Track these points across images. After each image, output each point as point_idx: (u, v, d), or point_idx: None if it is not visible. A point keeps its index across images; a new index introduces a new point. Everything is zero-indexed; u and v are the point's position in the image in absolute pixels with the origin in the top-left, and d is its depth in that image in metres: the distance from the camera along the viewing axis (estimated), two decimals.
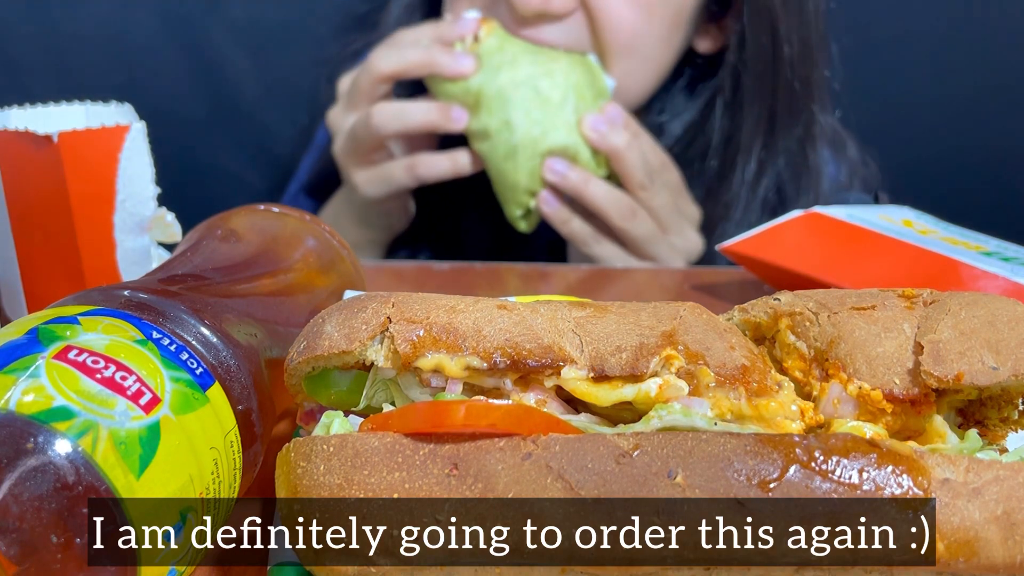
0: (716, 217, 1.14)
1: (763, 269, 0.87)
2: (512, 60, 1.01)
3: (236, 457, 0.42)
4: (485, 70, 1.02)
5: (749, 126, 1.11)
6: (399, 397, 0.41)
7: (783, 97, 1.11)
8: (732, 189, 1.13)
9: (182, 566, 0.38)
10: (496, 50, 1.02)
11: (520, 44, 1.03)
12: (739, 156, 1.12)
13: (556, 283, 0.96)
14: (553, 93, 1.01)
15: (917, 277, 0.75)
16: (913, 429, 0.40)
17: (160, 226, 0.67)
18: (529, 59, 1.02)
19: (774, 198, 1.14)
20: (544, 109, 1.01)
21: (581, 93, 1.02)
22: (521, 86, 1.01)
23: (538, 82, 1.01)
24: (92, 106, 0.71)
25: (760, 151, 1.12)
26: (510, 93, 1.01)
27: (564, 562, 0.37)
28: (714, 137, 1.13)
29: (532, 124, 1.01)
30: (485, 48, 1.02)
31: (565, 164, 1.01)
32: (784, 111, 1.12)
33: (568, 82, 1.02)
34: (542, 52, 1.03)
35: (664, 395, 0.39)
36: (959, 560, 0.35)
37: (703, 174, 1.14)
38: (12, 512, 0.32)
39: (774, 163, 1.13)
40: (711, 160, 1.14)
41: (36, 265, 0.64)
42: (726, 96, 1.12)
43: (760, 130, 1.12)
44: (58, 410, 0.34)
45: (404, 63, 1.02)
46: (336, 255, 0.60)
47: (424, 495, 0.36)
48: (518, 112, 1.01)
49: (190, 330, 0.43)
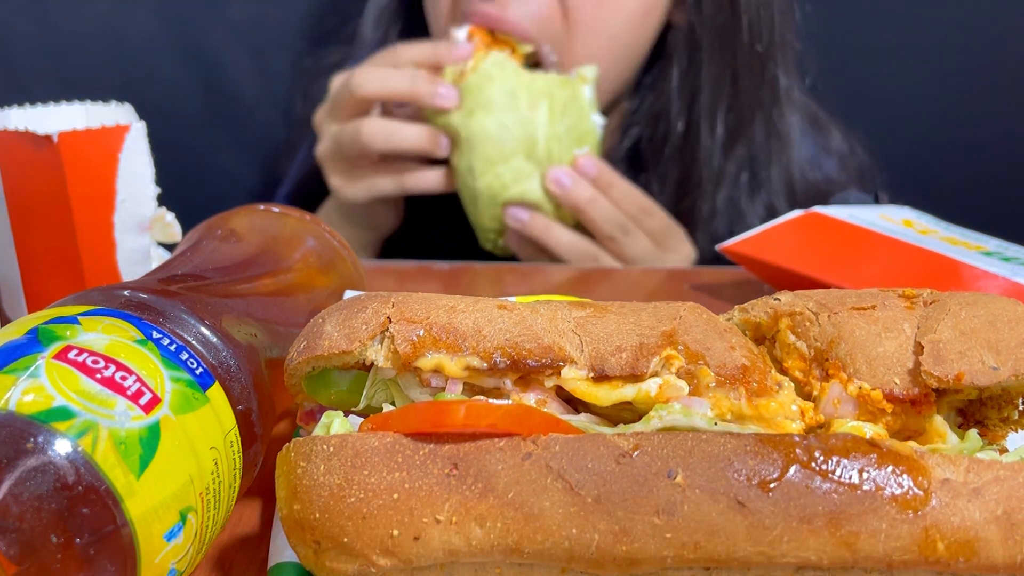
0: (691, 188, 1.12)
1: (763, 269, 0.87)
2: (487, 104, 1.00)
3: (236, 457, 0.42)
4: (462, 110, 1.02)
5: (708, 88, 1.10)
6: (399, 397, 0.41)
7: (743, 59, 1.10)
8: (701, 156, 1.11)
9: (182, 566, 0.38)
10: (478, 87, 1.01)
11: (512, 75, 1.01)
12: (703, 120, 1.11)
13: (556, 283, 0.96)
14: (522, 144, 1.02)
15: (917, 277, 0.75)
16: (913, 429, 0.40)
17: (160, 226, 0.67)
18: (508, 101, 1.01)
19: (747, 174, 1.13)
20: (509, 162, 1.02)
21: (559, 140, 1.02)
22: (488, 137, 1.01)
23: (509, 131, 1.01)
24: (92, 106, 0.70)
25: (727, 115, 1.11)
26: (477, 142, 1.01)
27: (564, 562, 0.37)
28: (673, 100, 1.12)
29: (494, 177, 1.02)
30: (472, 81, 1.01)
31: (526, 212, 1.03)
32: (745, 72, 1.10)
33: (546, 131, 1.02)
34: (531, 87, 1.01)
35: (664, 395, 0.39)
36: (959, 560, 0.35)
37: (668, 140, 1.13)
38: (12, 512, 0.32)
39: (746, 134, 1.12)
40: (675, 123, 1.12)
41: (36, 265, 0.64)
42: (681, 59, 1.11)
43: (723, 92, 1.10)
44: (58, 410, 0.34)
45: (386, 89, 1.02)
46: (336, 255, 0.60)
47: (424, 495, 0.36)
48: (481, 162, 1.02)
49: (190, 330, 0.43)
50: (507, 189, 1.03)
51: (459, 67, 1.02)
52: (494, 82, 1.01)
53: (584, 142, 1.04)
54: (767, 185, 1.13)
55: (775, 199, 1.14)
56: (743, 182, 1.13)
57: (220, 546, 0.47)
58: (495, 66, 1.01)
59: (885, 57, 1.44)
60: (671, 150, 1.12)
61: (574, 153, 1.03)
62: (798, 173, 1.14)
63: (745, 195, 1.13)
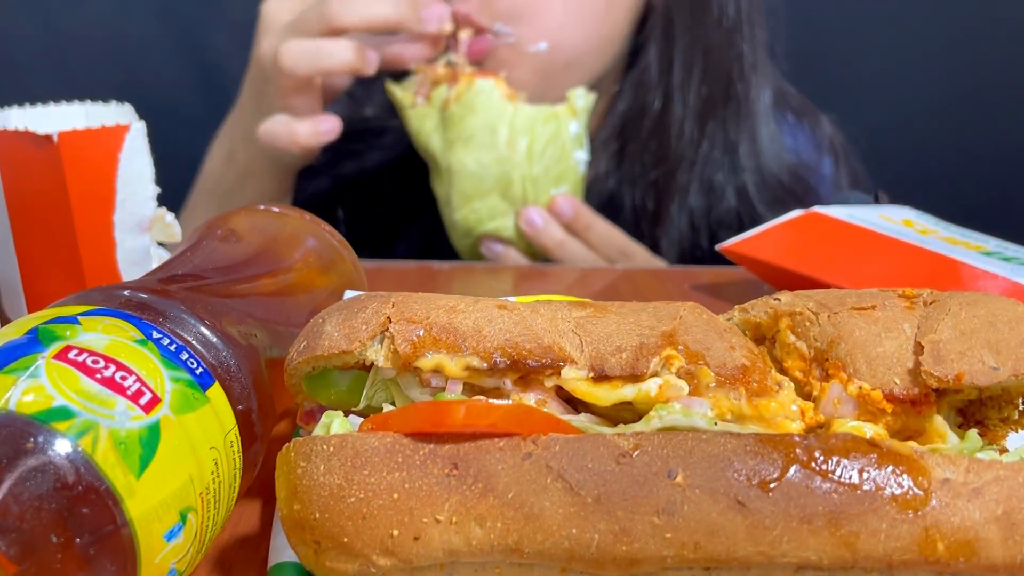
0: (666, 163, 1.13)
1: (763, 269, 0.87)
2: (468, 138, 1.01)
3: (236, 457, 0.42)
4: (444, 139, 1.02)
5: (681, 62, 1.11)
6: (399, 397, 0.41)
7: (713, 35, 1.11)
8: (674, 130, 1.12)
9: (182, 566, 0.38)
10: (460, 117, 1.01)
11: (495, 107, 1.01)
12: (675, 93, 1.12)
13: (556, 283, 0.96)
14: (498, 183, 1.02)
15: (917, 277, 0.75)
16: (913, 429, 0.40)
17: (160, 226, 0.67)
18: (488, 137, 1.01)
19: (719, 151, 1.14)
20: (484, 199, 1.03)
21: (534, 181, 1.02)
22: (466, 172, 1.02)
23: (486, 169, 1.02)
24: (92, 106, 0.70)
25: (699, 88, 1.12)
26: (455, 176, 1.03)
27: (564, 562, 0.37)
28: (651, 73, 1.13)
29: (470, 211, 1.04)
30: (455, 111, 1.01)
31: (500, 246, 1.05)
32: (715, 49, 1.12)
33: (523, 171, 1.02)
34: (512, 123, 1.01)
35: (664, 395, 0.39)
36: (959, 560, 0.35)
37: (646, 113, 1.13)
38: (12, 512, 0.32)
39: (717, 109, 1.13)
40: (652, 97, 1.13)
41: (36, 265, 0.64)
42: (658, 36, 1.12)
43: (694, 67, 1.12)
44: (58, 410, 0.34)
45: (369, 17, 0.95)
46: (336, 255, 0.60)
47: (424, 495, 0.36)
48: (458, 196, 1.03)
49: (190, 330, 0.43)
50: (482, 224, 1.05)
51: (444, 94, 1.03)
52: (476, 114, 1.01)
53: (563, 181, 1.05)
54: (737, 162, 1.14)
55: (745, 176, 1.15)
56: (715, 158, 1.14)
57: (220, 546, 0.47)
58: (478, 96, 1.01)
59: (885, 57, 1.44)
60: (649, 122, 1.13)
61: (551, 193, 1.04)
62: (768, 152, 1.15)
63: (719, 171, 1.14)
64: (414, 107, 1.06)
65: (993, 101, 1.45)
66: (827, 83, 1.43)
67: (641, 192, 1.14)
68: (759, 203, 1.13)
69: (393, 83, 1.09)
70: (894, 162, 1.43)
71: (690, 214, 1.14)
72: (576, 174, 1.05)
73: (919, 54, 1.43)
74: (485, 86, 1.01)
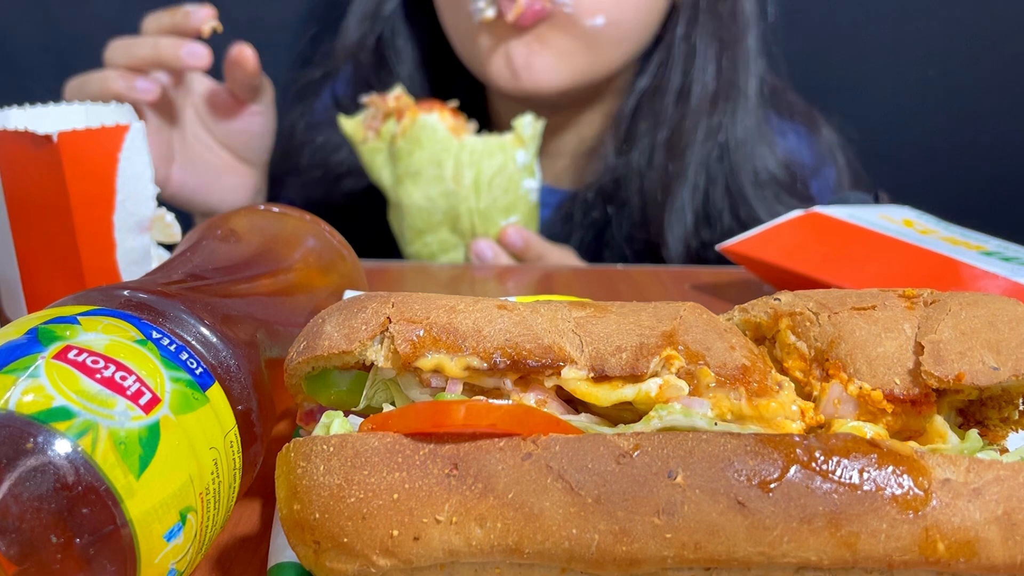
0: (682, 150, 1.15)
1: (763, 269, 0.87)
2: (415, 173, 1.03)
3: (236, 457, 0.42)
4: (394, 175, 1.05)
5: (703, 47, 1.14)
6: (399, 397, 0.41)
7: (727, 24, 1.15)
8: (690, 114, 1.15)
9: (182, 566, 0.38)
10: (407, 152, 1.03)
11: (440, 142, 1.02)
12: (696, 75, 1.14)
13: (556, 283, 0.96)
14: (447, 217, 1.05)
15: (917, 277, 0.75)
16: (913, 429, 0.40)
17: (160, 226, 0.67)
18: (434, 171, 1.02)
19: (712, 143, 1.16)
20: (435, 232, 1.06)
21: (482, 214, 1.04)
22: (415, 208, 1.05)
23: (434, 203, 1.04)
24: (92, 106, 0.71)
25: (716, 74, 1.14)
26: (405, 211, 1.06)
27: (564, 562, 0.37)
28: (676, 53, 1.15)
29: (422, 245, 1.08)
30: (401, 147, 1.03)
31: (490, 250, 1.06)
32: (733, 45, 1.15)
33: (469, 205, 1.04)
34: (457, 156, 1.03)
35: (664, 395, 0.39)
36: (959, 560, 0.35)
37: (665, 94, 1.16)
38: (12, 512, 0.32)
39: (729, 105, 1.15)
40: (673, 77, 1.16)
41: (36, 265, 0.64)
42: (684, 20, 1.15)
43: (712, 56, 1.14)
44: (58, 410, 0.34)
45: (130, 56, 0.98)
46: (336, 255, 0.60)
47: (424, 495, 0.36)
48: (410, 231, 1.07)
49: (190, 330, 0.43)
50: (434, 257, 1.08)
51: (391, 129, 1.04)
52: (422, 148, 1.02)
53: (514, 211, 1.06)
54: (734, 154, 1.16)
55: (741, 169, 1.16)
56: (720, 147, 1.16)
57: (220, 546, 0.47)
58: (423, 131, 1.02)
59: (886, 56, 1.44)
60: (669, 103, 1.15)
61: (501, 224, 1.05)
62: (761, 148, 1.17)
63: (723, 161, 1.16)
64: (365, 142, 1.08)
65: (993, 101, 1.45)
66: (827, 83, 1.43)
67: (650, 177, 1.16)
68: (754, 199, 1.15)
69: (345, 117, 1.11)
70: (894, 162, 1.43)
71: (695, 203, 1.15)
72: (527, 203, 1.07)
73: (919, 54, 1.43)
74: (430, 121, 1.02)
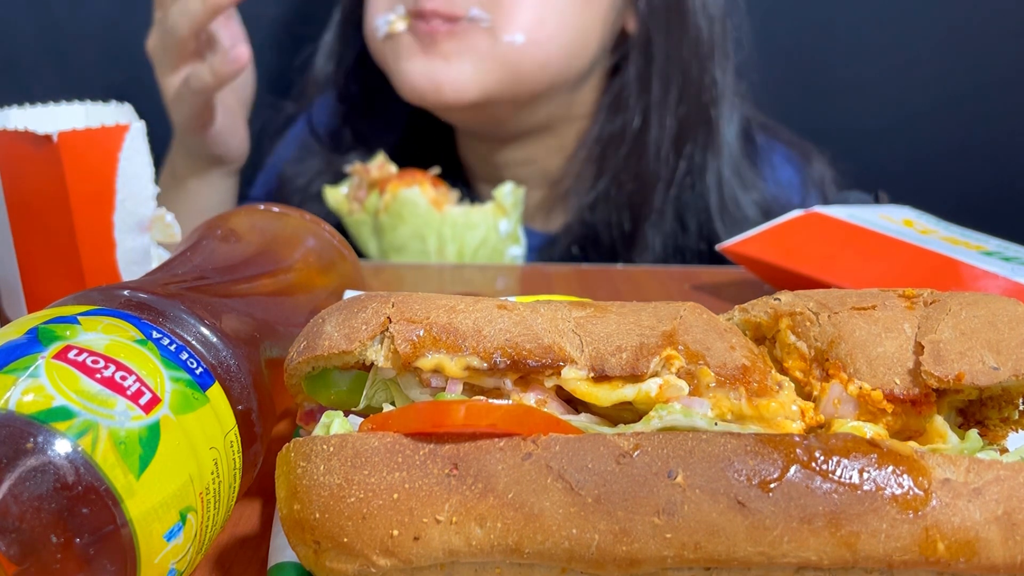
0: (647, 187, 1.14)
1: (763, 269, 0.87)
2: (400, 247, 1.04)
3: (236, 457, 0.42)
4: (379, 251, 1.06)
5: (659, 83, 1.13)
6: (399, 397, 0.41)
7: (690, 56, 1.13)
8: (651, 149, 1.13)
9: (182, 566, 0.38)
10: (391, 227, 1.04)
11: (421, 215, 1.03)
12: (653, 114, 1.13)
13: (556, 283, 0.96)
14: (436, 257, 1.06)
15: (917, 277, 0.75)
16: (914, 429, 0.40)
17: (160, 226, 0.67)
18: (417, 244, 1.03)
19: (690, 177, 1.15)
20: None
21: None
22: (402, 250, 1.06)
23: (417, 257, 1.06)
24: (92, 106, 0.70)
25: (676, 109, 1.13)
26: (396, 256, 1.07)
27: (564, 562, 0.37)
28: (631, 94, 1.14)
29: None
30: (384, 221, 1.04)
31: None
32: (690, 70, 1.13)
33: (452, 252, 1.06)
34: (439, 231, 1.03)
35: (664, 395, 0.39)
36: (959, 560, 0.35)
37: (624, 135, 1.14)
38: (12, 512, 0.32)
39: (692, 132, 1.14)
40: (631, 118, 1.14)
41: (36, 265, 0.64)
42: (638, 57, 1.13)
43: (671, 88, 1.13)
44: (58, 410, 0.34)
45: (196, 18, 0.98)
46: (336, 255, 0.60)
47: (424, 495, 0.36)
48: None
49: (190, 330, 0.43)
50: None
51: (375, 203, 1.05)
52: (405, 223, 1.03)
53: None
54: (705, 187, 1.15)
55: (711, 202, 1.15)
56: (688, 182, 1.15)
57: (220, 546, 0.47)
58: (405, 206, 1.03)
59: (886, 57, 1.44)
60: (627, 143, 1.14)
61: None
62: (733, 183, 1.16)
63: (692, 194, 1.15)
64: (351, 215, 1.09)
65: (993, 101, 1.45)
66: (827, 83, 1.43)
67: (617, 214, 1.15)
68: (722, 232, 1.13)
69: (330, 188, 1.12)
70: (894, 162, 1.43)
71: (664, 237, 1.14)
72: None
73: (919, 54, 1.43)
74: (411, 195, 1.03)
